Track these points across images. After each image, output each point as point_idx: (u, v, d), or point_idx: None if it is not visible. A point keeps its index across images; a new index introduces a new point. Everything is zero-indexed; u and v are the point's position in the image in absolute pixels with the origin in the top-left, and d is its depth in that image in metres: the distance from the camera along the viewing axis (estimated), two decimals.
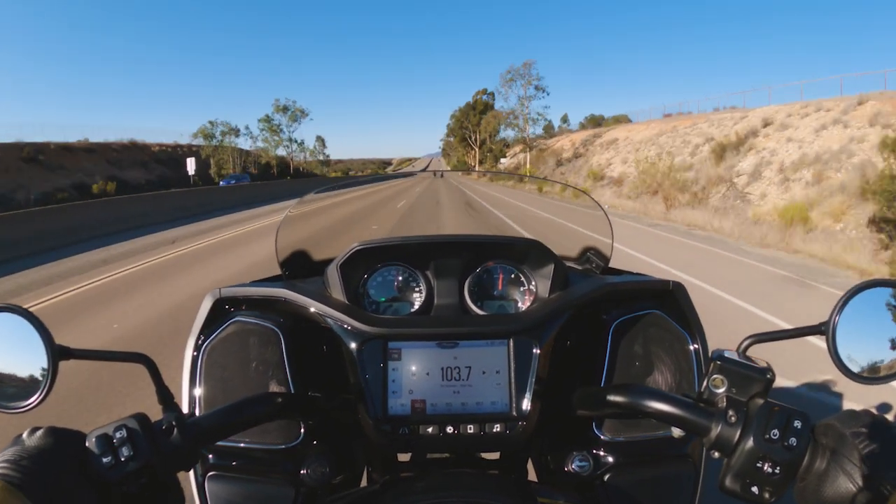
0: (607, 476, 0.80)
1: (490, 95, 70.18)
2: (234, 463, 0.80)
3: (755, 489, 0.53)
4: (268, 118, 54.25)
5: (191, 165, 26.88)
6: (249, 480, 0.78)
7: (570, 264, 1.13)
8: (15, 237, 9.93)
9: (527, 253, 0.93)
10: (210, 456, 0.80)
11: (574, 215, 1.53)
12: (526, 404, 0.75)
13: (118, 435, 0.53)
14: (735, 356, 0.59)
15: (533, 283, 0.93)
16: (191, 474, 0.77)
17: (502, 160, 54.84)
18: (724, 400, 0.57)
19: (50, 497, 0.47)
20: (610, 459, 0.80)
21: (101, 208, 14.02)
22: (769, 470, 0.52)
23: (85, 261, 8.67)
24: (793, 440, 0.52)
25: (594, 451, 0.81)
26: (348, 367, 0.77)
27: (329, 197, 1.38)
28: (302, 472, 0.78)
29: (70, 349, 0.55)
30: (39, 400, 0.54)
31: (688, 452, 0.82)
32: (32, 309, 0.55)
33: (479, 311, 0.91)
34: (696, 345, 0.84)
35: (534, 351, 0.77)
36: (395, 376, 0.76)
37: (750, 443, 0.53)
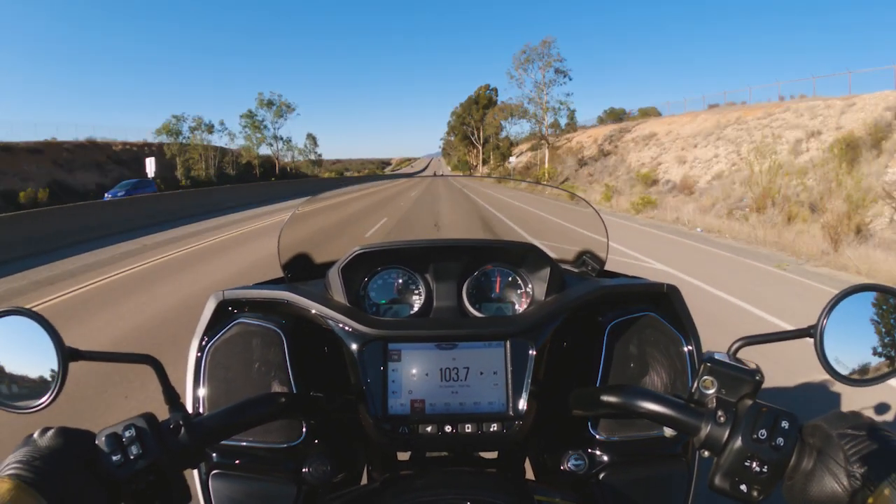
0: (602, 475, 0.81)
1: (493, 91, 64.65)
2: (237, 461, 0.81)
3: (744, 487, 0.54)
4: (250, 114, 48.89)
5: (150, 166, 22.30)
6: (252, 479, 0.80)
7: (567, 267, 1.16)
8: None
9: (524, 256, 0.95)
10: (213, 455, 0.81)
11: (569, 216, 1.46)
12: (522, 404, 0.76)
13: (127, 434, 0.55)
14: (725, 358, 0.61)
15: (530, 286, 0.95)
16: (195, 473, 0.79)
17: (511, 159, 47.87)
18: (714, 401, 0.59)
19: (62, 495, 0.48)
20: (605, 458, 0.82)
21: None
22: (757, 469, 0.54)
23: None
24: (780, 440, 0.53)
25: (590, 451, 0.83)
26: (349, 368, 0.79)
27: (321, 201, 1.34)
28: (303, 471, 0.79)
29: (79, 351, 0.57)
30: (50, 400, 0.56)
31: (681, 452, 0.84)
32: None
33: (477, 314, 0.93)
34: (690, 346, 0.85)
35: (530, 352, 0.78)
36: (395, 377, 0.77)
37: (738, 442, 0.54)
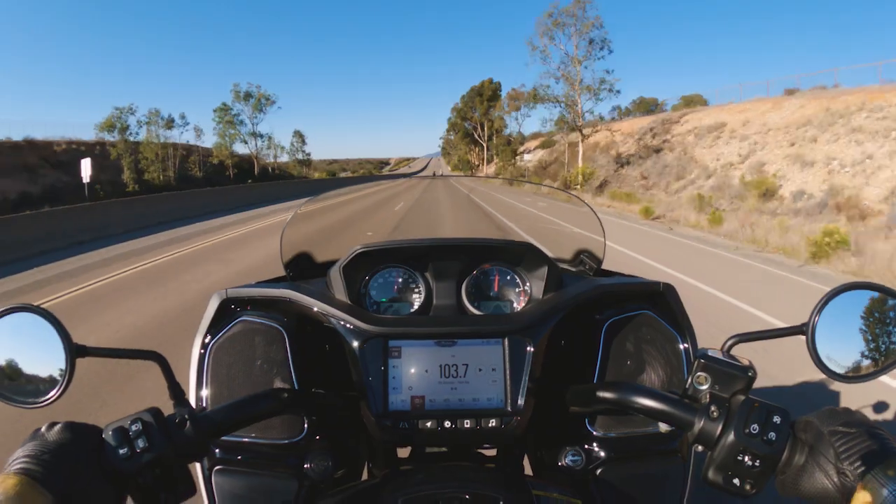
0: (599, 470, 0.82)
1: (497, 85, 59.35)
2: (240, 457, 0.82)
3: (737, 481, 0.55)
4: (224, 107, 42.66)
5: (85, 169, 17.18)
6: (254, 474, 0.81)
7: (565, 266, 1.17)
8: None
9: (522, 255, 0.96)
10: (216, 450, 0.82)
11: (568, 216, 1.49)
12: (520, 400, 0.78)
13: (134, 428, 0.56)
14: (719, 355, 0.62)
15: (528, 285, 0.96)
16: (198, 469, 0.80)
17: (525, 156, 40.74)
18: (708, 396, 0.60)
19: (69, 490, 0.49)
20: (602, 454, 0.83)
21: None
22: (749, 463, 0.55)
23: None
24: (772, 434, 0.54)
25: (587, 447, 0.83)
26: (351, 365, 0.80)
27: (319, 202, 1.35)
28: (305, 467, 0.81)
29: (86, 347, 0.58)
30: (57, 395, 0.57)
31: (677, 448, 0.84)
32: None
33: (476, 312, 0.94)
34: (686, 344, 0.86)
35: (528, 349, 0.79)
36: (396, 373, 0.78)
37: (731, 437, 0.55)
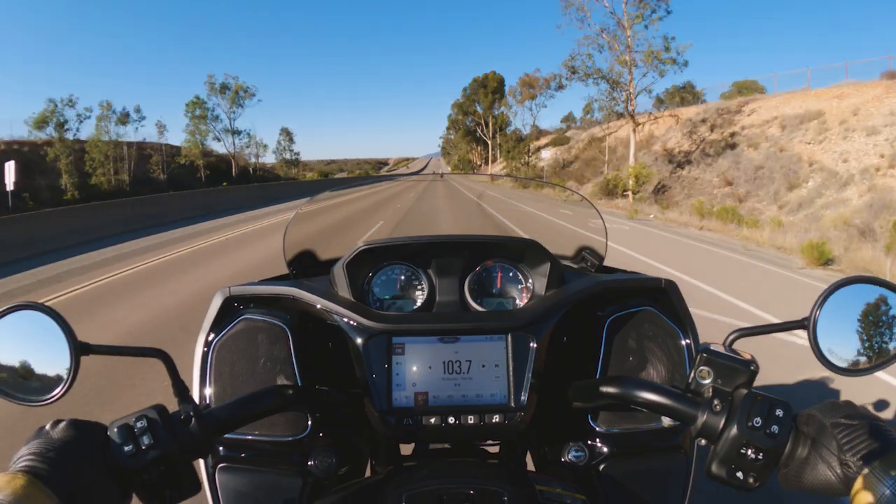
0: (602, 466, 0.83)
1: (501, 78, 55.47)
2: (244, 455, 0.82)
3: (740, 474, 0.56)
4: (198, 102, 37.72)
5: (9, 174, 14.45)
6: (258, 471, 0.81)
7: (567, 263, 1.18)
8: None
9: (524, 252, 0.96)
10: (220, 448, 0.82)
11: (571, 216, 1.52)
12: (523, 396, 0.78)
13: (139, 425, 0.56)
14: (721, 349, 0.62)
15: (530, 281, 0.96)
16: (202, 466, 0.80)
17: (544, 153, 36.90)
18: (711, 390, 0.61)
19: (74, 487, 0.49)
20: (605, 450, 0.83)
21: None
22: (753, 456, 0.55)
23: None
24: (775, 428, 0.55)
25: (590, 442, 0.84)
26: (354, 362, 0.80)
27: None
28: (309, 464, 0.81)
29: (90, 345, 0.58)
30: (62, 393, 0.57)
31: (680, 443, 0.85)
32: None
33: (479, 308, 0.95)
34: (688, 340, 0.87)
35: (531, 345, 0.80)
36: (399, 370, 0.79)
37: (734, 430, 0.56)
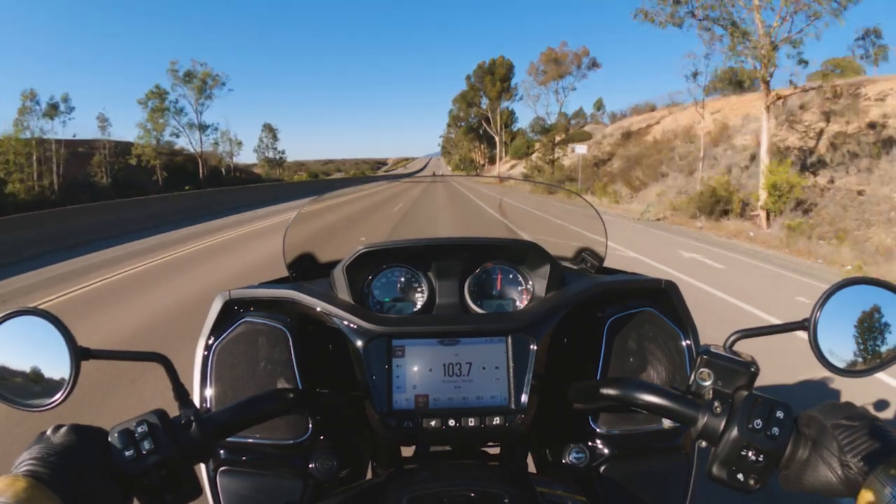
0: (603, 467, 0.83)
1: (510, 63, 50.46)
2: (245, 458, 0.82)
3: (741, 476, 0.56)
4: (158, 91, 32.37)
5: None
6: (259, 474, 0.81)
7: (567, 264, 1.17)
8: None
9: (524, 254, 0.96)
10: (221, 452, 0.82)
11: (570, 217, 1.51)
12: (524, 398, 0.78)
13: (140, 429, 0.56)
14: (721, 351, 0.62)
15: (530, 283, 0.96)
16: (203, 470, 0.80)
17: (578, 148, 26.02)
18: (711, 392, 0.61)
19: (75, 491, 0.49)
20: (606, 451, 0.83)
21: None
22: (753, 458, 0.55)
23: None
24: (775, 429, 0.55)
25: (590, 444, 0.84)
26: (355, 365, 0.80)
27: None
28: (310, 466, 0.81)
29: (91, 350, 0.58)
30: (63, 398, 0.57)
31: (681, 445, 0.85)
32: None
33: (479, 310, 0.95)
34: (689, 341, 0.87)
35: (531, 347, 0.80)
36: (399, 372, 0.79)
37: (734, 432, 0.56)
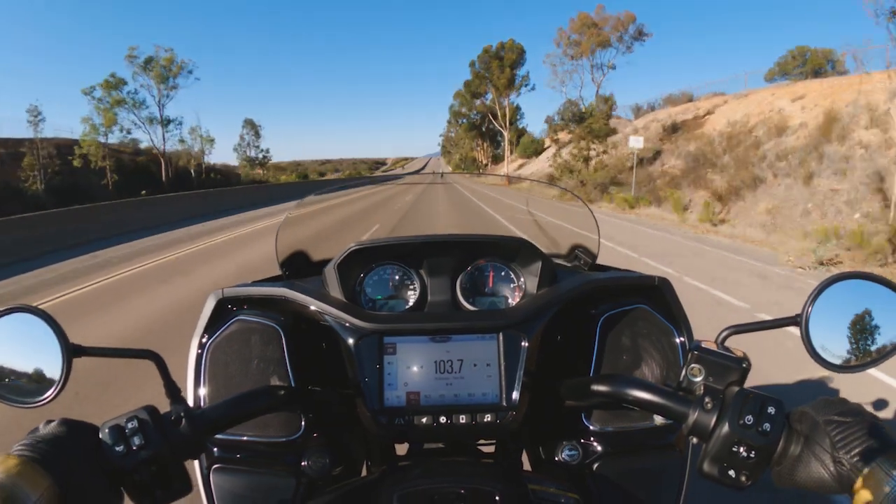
0: (596, 465, 0.83)
1: (521, 47, 43.24)
2: (238, 456, 0.82)
3: (732, 472, 0.56)
4: (115, 81, 27.52)
5: None
6: (252, 472, 0.81)
7: (560, 261, 1.17)
8: None
9: (516, 251, 0.96)
10: (214, 449, 0.82)
11: (564, 214, 1.49)
12: (515, 395, 0.78)
13: (130, 425, 0.56)
14: (713, 347, 0.62)
15: (522, 280, 0.96)
16: (196, 468, 0.80)
17: (634, 140, 19.14)
18: (702, 388, 0.60)
19: (68, 482, 0.50)
20: (599, 449, 0.83)
21: None
22: (745, 454, 0.55)
23: None
24: (767, 425, 0.54)
25: (583, 441, 0.84)
26: (347, 362, 0.80)
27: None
28: (303, 464, 0.81)
29: (83, 347, 0.58)
30: (55, 395, 0.57)
31: (674, 441, 0.84)
32: None
33: (471, 308, 0.94)
34: (682, 338, 0.87)
35: (522, 344, 0.80)
36: (391, 370, 0.79)
37: (725, 428, 0.56)
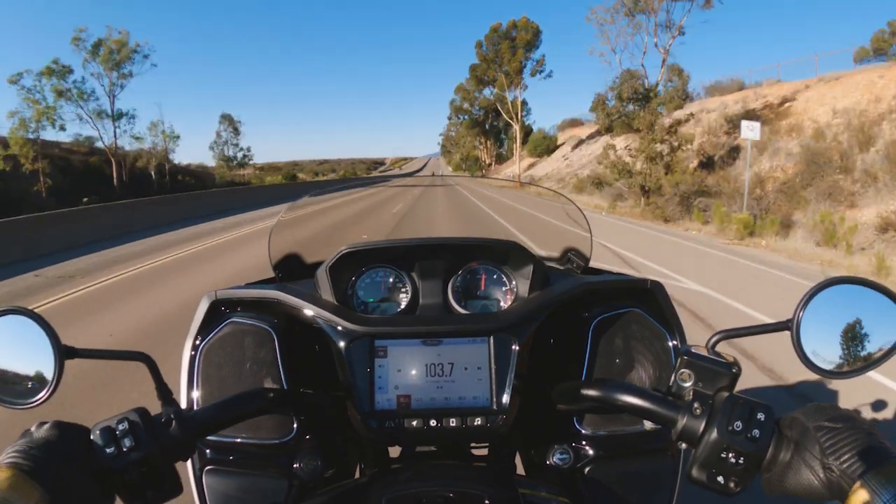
0: (588, 469, 0.82)
1: (536, 26, 37.70)
2: (230, 458, 0.82)
3: (721, 479, 0.55)
4: (59, 68, 23.96)
5: None
6: (245, 474, 0.81)
7: (552, 264, 1.16)
8: None
9: (508, 254, 0.96)
10: (207, 451, 0.82)
11: (558, 217, 1.46)
12: (506, 398, 0.78)
13: (120, 427, 0.57)
14: (703, 352, 0.62)
15: (514, 283, 0.96)
16: (189, 469, 0.80)
17: (747, 129, 6.78)
18: (691, 393, 0.60)
19: (58, 486, 0.50)
20: (591, 452, 0.83)
21: None
22: (733, 460, 0.55)
23: None
24: (756, 432, 0.54)
25: (575, 445, 0.84)
26: (338, 365, 0.80)
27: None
28: (295, 466, 0.81)
29: (75, 349, 0.59)
30: (47, 396, 0.58)
31: (667, 445, 0.84)
32: None
33: (463, 311, 0.94)
34: (675, 341, 0.87)
35: (513, 348, 0.80)
36: (382, 373, 0.79)
37: (714, 434, 0.55)
